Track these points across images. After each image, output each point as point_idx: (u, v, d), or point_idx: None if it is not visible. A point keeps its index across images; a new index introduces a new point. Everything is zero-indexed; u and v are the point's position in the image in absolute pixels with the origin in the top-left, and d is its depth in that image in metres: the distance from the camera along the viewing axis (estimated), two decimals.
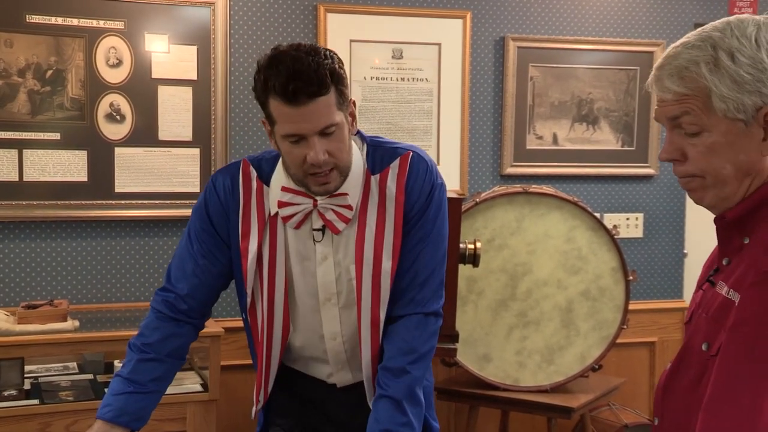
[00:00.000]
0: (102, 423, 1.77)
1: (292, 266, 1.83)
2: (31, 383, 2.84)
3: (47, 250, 3.14)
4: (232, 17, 3.25)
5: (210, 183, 1.87)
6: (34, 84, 3.03)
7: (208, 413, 2.81)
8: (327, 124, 1.66)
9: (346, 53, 3.38)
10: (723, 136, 1.24)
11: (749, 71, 1.20)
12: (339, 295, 1.84)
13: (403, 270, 1.82)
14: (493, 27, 3.57)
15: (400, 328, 1.82)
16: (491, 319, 3.05)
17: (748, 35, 1.22)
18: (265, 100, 1.67)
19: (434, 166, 1.86)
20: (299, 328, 1.88)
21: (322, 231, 1.80)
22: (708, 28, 1.27)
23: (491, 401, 3.04)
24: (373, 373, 1.85)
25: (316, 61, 1.63)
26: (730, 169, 1.26)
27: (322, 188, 1.74)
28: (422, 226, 1.81)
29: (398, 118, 3.47)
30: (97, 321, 3.03)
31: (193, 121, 3.21)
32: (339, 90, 1.68)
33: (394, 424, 1.76)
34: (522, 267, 3.05)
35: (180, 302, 1.86)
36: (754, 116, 1.21)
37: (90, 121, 3.10)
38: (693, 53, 1.24)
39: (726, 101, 1.21)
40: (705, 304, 1.33)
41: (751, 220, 1.26)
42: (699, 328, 1.32)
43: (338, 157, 1.70)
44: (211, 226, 1.85)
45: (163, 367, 1.84)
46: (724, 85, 1.21)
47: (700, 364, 1.29)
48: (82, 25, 3.06)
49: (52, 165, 3.08)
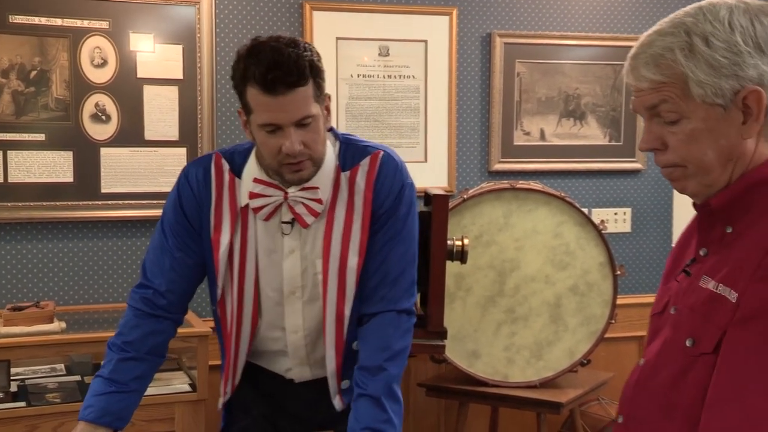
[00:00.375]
0: (85, 424, 1.76)
1: (260, 259, 1.85)
2: (18, 385, 2.82)
3: (33, 251, 3.13)
4: (218, 16, 3.25)
5: (182, 175, 1.88)
6: (18, 85, 3.02)
7: (196, 413, 2.80)
8: (304, 115, 1.68)
9: (332, 51, 3.39)
10: (702, 122, 1.23)
11: (725, 55, 1.19)
12: (303, 288, 1.86)
13: (373, 268, 1.84)
14: (479, 23, 3.58)
15: (373, 326, 1.84)
16: (480, 315, 3.06)
17: (721, 19, 1.21)
18: (243, 88, 1.69)
19: (404, 167, 1.88)
20: (263, 321, 1.90)
21: (291, 224, 1.82)
22: (680, 14, 1.25)
23: (481, 397, 3.04)
24: (337, 369, 1.87)
25: (296, 53, 1.66)
26: (711, 156, 1.24)
27: (296, 176, 1.76)
28: (392, 225, 1.84)
29: (385, 116, 3.48)
30: (84, 322, 3.02)
31: (179, 121, 3.20)
32: (317, 83, 1.71)
33: (375, 421, 1.76)
34: (510, 263, 3.06)
35: (159, 298, 1.86)
36: (732, 100, 1.21)
37: (75, 122, 3.09)
38: (667, 40, 1.23)
39: (703, 86, 1.20)
40: (683, 297, 1.31)
41: (736, 207, 1.25)
42: (680, 323, 1.29)
43: (313, 149, 1.73)
44: (185, 218, 1.85)
45: (144, 366, 1.84)
46: (700, 70, 1.20)
47: (682, 360, 1.26)
48: (66, 24, 3.05)
49: (38, 166, 3.07)
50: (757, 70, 1.19)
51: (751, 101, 1.20)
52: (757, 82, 1.20)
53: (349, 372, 1.89)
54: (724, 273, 1.23)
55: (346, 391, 1.91)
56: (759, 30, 1.20)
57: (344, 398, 1.91)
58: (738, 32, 1.20)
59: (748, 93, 1.20)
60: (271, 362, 1.97)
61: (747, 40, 1.19)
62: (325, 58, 3.25)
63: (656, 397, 1.31)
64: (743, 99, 1.20)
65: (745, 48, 1.19)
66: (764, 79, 1.20)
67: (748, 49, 1.19)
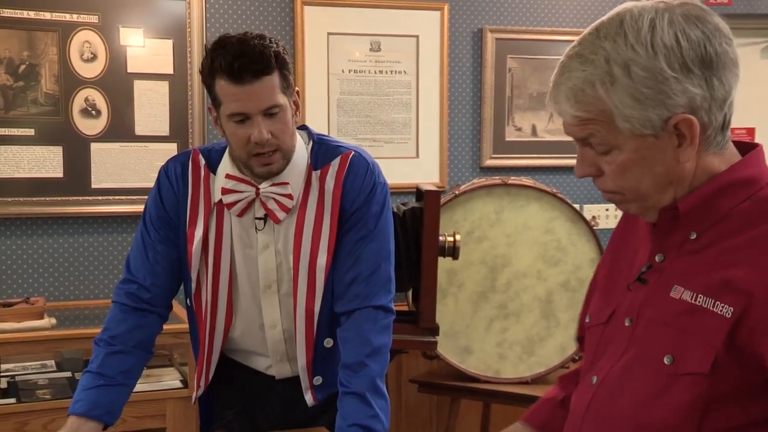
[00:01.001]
0: (75, 418, 1.77)
1: (236, 253, 1.88)
2: (8, 382, 2.84)
3: (23, 247, 3.14)
4: (208, 10, 3.26)
5: (162, 171, 1.92)
6: (7, 79, 3.03)
7: (187, 409, 2.81)
8: (271, 104, 1.72)
9: (323, 46, 3.41)
10: (634, 152, 1.16)
11: (648, 85, 1.11)
12: (279, 282, 1.88)
13: (347, 267, 1.86)
14: (470, 19, 3.60)
15: (351, 324, 1.85)
16: (472, 311, 3.07)
17: (643, 40, 1.11)
18: (212, 81, 1.73)
19: (376, 167, 1.91)
20: (240, 318, 1.92)
21: (264, 220, 1.86)
22: (602, 31, 1.15)
23: (473, 393, 3.06)
24: (308, 364, 1.89)
25: (262, 44, 1.71)
26: (647, 183, 1.18)
27: (265, 169, 1.79)
28: (364, 224, 1.86)
29: (377, 111, 3.49)
30: (74, 318, 3.03)
31: (169, 116, 3.22)
32: (283, 74, 1.74)
33: (362, 417, 1.77)
34: (502, 259, 3.07)
35: (143, 292, 1.88)
36: (663, 127, 1.13)
37: (65, 117, 3.11)
38: (588, 72, 1.14)
39: (629, 120, 1.13)
40: (643, 308, 1.23)
41: (702, 213, 1.18)
42: (648, 337, 1.20)
43: (281, 139, 1.76)
44: (165, 212, 1.89)
45: (131, 360, 1.86)
46: (624, 104, 1.13)
47: (657, 379, 1.17)
48: (55, 18, 3.06)
49: (27, 161, 3.08)
50: (686, 95, 1.12)
51: (683, 127, 1.13)
52: (686, 109, 1.12)
53: (320, 368, 1.91)
54: (704, 283, 1.15)
55: (319, 387, 1.93)
56: (685, 47, 1.11)
57: (316, 394, 1.93)
58: (662, 56, 1.10)
59: (678, 121, 1.12)
60: (252, 360, 2.00)
61: (672, 63, 1.11)
62: (316, 53, 3.38)
63: (622, 420, 1.21)
64: (675, 125, 1.13)
65: (670, 74, 1.11)
66: (695, 102, 1.12)
67: (674, 74, 1.11)
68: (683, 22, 1.11)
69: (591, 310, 1.39)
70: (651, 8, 1.14)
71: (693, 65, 1.10)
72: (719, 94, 1.12)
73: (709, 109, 1.13)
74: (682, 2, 1.14)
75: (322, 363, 1.91)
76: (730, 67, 1.13)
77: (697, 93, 1.11)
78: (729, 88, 1.14)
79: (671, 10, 1.13)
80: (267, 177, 1.82)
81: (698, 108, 1.12)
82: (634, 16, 1.13)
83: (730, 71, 1.13)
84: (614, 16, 1.15)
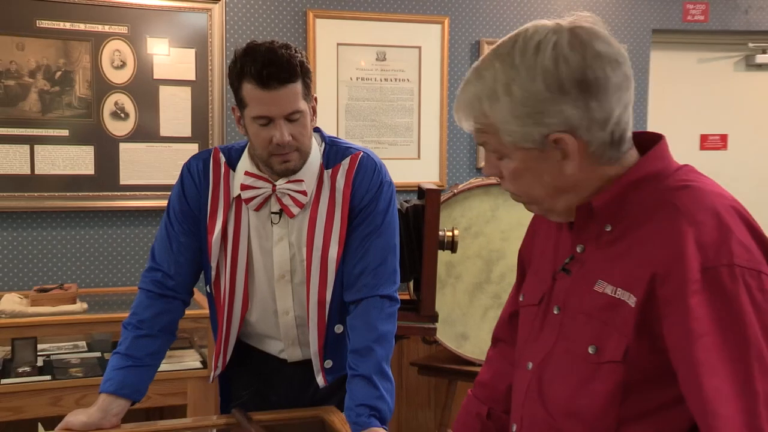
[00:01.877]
0: (106, 396, 1.82)
1: (252, 245, 1.91)
2: (44, 361, 2.90)
3: (57, 238, 3.22)
4: (228, 22, 3.35)
5: (185, 167, 1.95)
6: (44, 84, 3.13)
7: (206, 388, 2.87)
8: (293, 110, 1.76)
9: (333, 55, 3.49)
10: (521, 162, 1.18)
11: (526, 104, 1.13)
12: (293, 273, 1.91)
13: (356, 259, 1.89)
14: (469, 31, 3.69)
15: (359, 311, 1.88)
16: (468, 300, 3.13)
17: (527, 61, 1.13)
18: (239, 85, 1.77)
19: (383, 167, 1.95)
20: (255, 304, 1.96)
21: (279, 214, 1.89)
22: (498, 50, 1.18)
23: (468, 376, 3.08)
24: (320, 348, 1.92)
25: (289, 53, 1.75)
26: (539, 190, 1.20)
27: (284, 166, 1.83)
28: (372, 220, 1.89)
29: (382, 116, 3.58)
30: (104, 303, 3.11)
31: (191, 119, 3.30)
32: (305, 82, 1.79)
33: (368, 398, 1.79)
34: (496, 253, 3.12)
35: (167, 279, 1.92)
36: (544, 143, 1.15)
37: (96, 119, 3.20)
38: (477, 87, 1.17)
39: (512, 134, 1.15)
40: (568, 298, 1.24)
41: (614, 208, 1.18)
42: (575, 328, 1.22)
43: (300, 141, 1.81)
44: (187, 205, 1.92)
45: (157, 343, 1.90)
46: (505, 120, 1.15)
47: (585, 368, 1.18)
48: (89, 29, 3.16)
49: (62, 159, 3.18)
50: (563, 114, 1.12)
51: (562, 144, 1.14)
52: (564, 127, 1.13)
53: (330, 352, 1.94)
54: (620, 277, 1.15)
55: (329, 370, 1.95)
56: (563, 70, 1.12)
57: (327, 377, 1.95)
58: (540, 77, 1.12)
59: (555, 138, 1.14)
60: (266, 344, 2.02)
61: (550, 84, 1.12)
62: (326, 62, 3.56)
63: (556, 406, 1.23)
64: (554, 141, 1.14)
65: (547, 95, 1.12)
66: (572, 121, 1.13)
67: (550, 94, 1.12)
68: (566, 47, 1.12)
69: (525, 289, 1.39)
70: (544, 30, 1.15)
71: (570, 87, 1.11)
72: (598, 116, 1.13)
73: (589, 128, 1.13)
74: (575, 26, 1.15)
75: (332, 347, 1.94)
76: (612, 91, 1.13)
77: (573, 113, 1.12)
78: (609, 110, 1.13)
79: (560, 34, 1.14)
80: (285, 174, 1.85)
81: (577, 127, 1.13)
82: (526, 38, 1.15)
83: (612, 95, 1.13)
84: (513, 35, 1.17)
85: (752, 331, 1.05)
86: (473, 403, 1.55)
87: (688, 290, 1.06)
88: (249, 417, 1.88)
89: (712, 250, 1.07)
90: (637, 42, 3.99)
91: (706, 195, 1.13)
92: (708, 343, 1.05)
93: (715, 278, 1.06)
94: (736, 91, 4.33)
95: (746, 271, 1.07)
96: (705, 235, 1.08)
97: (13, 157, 3.14)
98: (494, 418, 1.51)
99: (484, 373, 1.56)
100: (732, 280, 1.06)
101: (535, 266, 1.38)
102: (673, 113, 4.24)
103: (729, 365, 1.04)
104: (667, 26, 4.04)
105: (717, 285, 1.06)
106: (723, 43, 4.24)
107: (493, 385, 1.52)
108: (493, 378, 1.53)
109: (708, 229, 1.09)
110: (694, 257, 1.07)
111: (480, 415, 1.52)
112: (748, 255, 1.08)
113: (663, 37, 4.12)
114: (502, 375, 1.50)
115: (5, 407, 2.68)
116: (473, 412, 1.53)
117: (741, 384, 1.03)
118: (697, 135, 4.33)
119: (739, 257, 1.07)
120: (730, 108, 4.32)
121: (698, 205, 1.11)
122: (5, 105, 3.12)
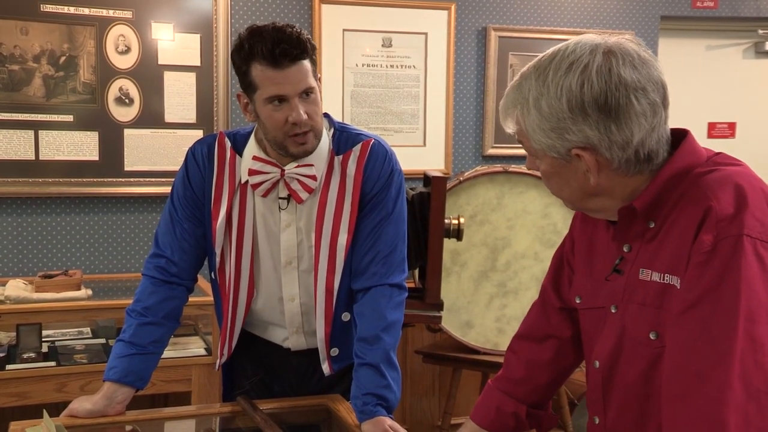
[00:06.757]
0: (110, 384, 1.83)
1: (259, 231, 1.90)
2: (49, 347, 2.92)
3: (62, 224, 3.23)
4: (233, 7, 3.35)
5: (189, 152, 1.93)
6: (49, 69, 3.13)
7: (211, 375, 2.89)
8: (307, 87, 1.75)
9: (338, 42, 3.49)
10: (550, 167, 1.27)
11: (550, 120, 1.21)
12: (300, 259, 1.90)
13: (366, 247, 1.89)
14: (475, 18, 3.68)
15: (368, 299, 1.88)
16: (473, 288, 3.13)
17: (557, 81, 1.20)
18: (248, 67, 1.75)
19: (393, 155, 1.94)
20: (261, 291, 1.95)
21: (287, 200, 1.87)
22: (538, 64, 1.25)
23: (473, 364, 3.12)
24: (326, 336, 1.92)
25: (296, 31, 1.75)
26: (568, 192, 1.29)
27: (301, 149, 1.81)
28: (384, 207, 1.89)
29: (388, 103, 3.58)
30: (108, 290, 3.13)
31: (196, 105, 3.31)
32: (312, 59, 1.78)
33: (375, 387, 1.80)
34: (502, 241, 3.12)
35: (171, 266, 1.91)
36: (568, 154, 1.23)
37: (101, 104, 3.20)
38: (516, 95, 1.26)
39: (539, 143, 1.25)
40: (623, 295, 1.31)
41: (654, 205, 1.25)
42: (633, 319, 1.28)
43: (315, 120, 1.79)
44: (192, 191, 1.91)
45: (160, 330, 1.90)
46: (533, 130, 1.24)
47: (650, 354, 1.26)
48: (93, 14, 3.16)
49: (66, 145, 3.18)
50: (583, 133, 1.20)
51: (583, 159, 1.22)
52: (584, 144, 1.20)
53: (337, 340, 1.94)
54: (665, 262, 1.22)
55: (335, 358, 1.95)
56: (587, 94, 1.18)
57: (333, 365, 1.95)
58: (565, 97, 1.19)
59: (577, 153, 1.22)
60: (270, 332, 2.02)
61: (573, 105, 1.19)
62: (332, 48, 3.56)
63: (629, 392, 1.31)
64: (576, 155, 1.22)
65: (569, 114, 1.19)
66: (591, 141, 1.20)
67: (572, 115, 1.19)
68: (594, 71, 1.19)
69: (580, 291, 1.44)
70: (582, 50, 1.21)
71: (591, 110, 1.18)
72: (617, 138, 1.20)
73: (609, 147, 1.21)
74: (610, 50, 1.21)
75: (339, 336, 1.94)
76: (633, 117, 1.19)
77: (592, 134, 1.20)
78: (629, 135, 1.20)
79: (594, 56, 1.20)
80: (301, 156, 1.83)
81: (596, 146, 1.21)
82: (563, 56, 1.22)
83: (633, 120, 1.19)
84: (556, 49, 1.24)
85: (744, 302, 1.10)
86: (506, 402, 1.59)
87: (693, 262, 1.14)
88: (254, 405, 1.88)
89: (725, 223, 1.14)
90: (646, 29, 3.97)
91: (729, 175, 1.20)
92: (694, 316, 1.13)
93: (721, 248, 1.13)
94: (745, 78, 4.31)
95: (758, 242, 1.13)
96: (723, 210, 1.15)
97: (18, 143, 3.14)
98: (531, 416, 1.59)
99: (517, 371, 1.60)
100: (735, 249, 1.12)
101: (583, 268, 1.44)
102: (681, 101, 4.16)
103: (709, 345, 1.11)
104: (676, 13, 4.02)
105: (719, 255, 1.13)
106: (732, 30, 4.21)
107: (529, 378, 1.58)
108: (527, 375, 1.59)
109: (725, 204, 1.15)
110: (710, 231, 1.14)
111: (517, 414, 1.57)
112: (761, 228, 1.13)
113: (671, 24, 4.10)
114: (538, 368, 1.58)
115: (10, 393, 2.69)
116: (508, 411, 1.58)
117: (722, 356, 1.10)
118: (705, 123, 4.31)
119: (750, 228, 1.13)
120: (738, 96, 4.30)
121: (720, 184, 1.18)
122: (9, 90, 3.12)
